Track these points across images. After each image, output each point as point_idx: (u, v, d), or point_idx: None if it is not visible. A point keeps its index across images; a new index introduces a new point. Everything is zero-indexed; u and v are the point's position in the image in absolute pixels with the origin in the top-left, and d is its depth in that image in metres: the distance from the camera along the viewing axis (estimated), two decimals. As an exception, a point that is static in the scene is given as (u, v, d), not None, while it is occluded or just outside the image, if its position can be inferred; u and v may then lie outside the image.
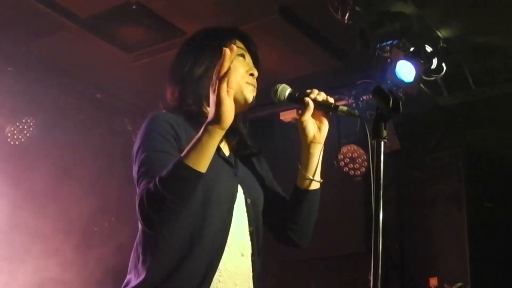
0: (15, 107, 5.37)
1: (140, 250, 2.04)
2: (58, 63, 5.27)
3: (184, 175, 1.86)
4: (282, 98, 2.15)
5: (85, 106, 5.81)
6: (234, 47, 1.91)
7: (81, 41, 4.91)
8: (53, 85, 5.44)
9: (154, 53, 5.05)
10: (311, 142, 2.16)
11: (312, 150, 2.17)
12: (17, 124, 5.41)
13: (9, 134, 5.41)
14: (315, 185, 2.21)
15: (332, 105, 2.12)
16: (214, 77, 1.89)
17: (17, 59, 5.12)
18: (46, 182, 5.52)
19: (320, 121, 2.17)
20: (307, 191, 2.20)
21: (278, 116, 5.49)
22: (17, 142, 5.42)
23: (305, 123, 2.15)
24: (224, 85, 1.86)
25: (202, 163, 1.88)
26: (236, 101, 2.11)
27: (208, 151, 1.89)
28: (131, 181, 2.08)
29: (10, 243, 5.33)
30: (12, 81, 5.17)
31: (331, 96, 2.18)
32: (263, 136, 2.29)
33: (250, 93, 2.17)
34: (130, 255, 2.11)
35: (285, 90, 2.14)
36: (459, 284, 4.85)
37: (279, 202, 2.26)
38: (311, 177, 2.18)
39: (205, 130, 1.88)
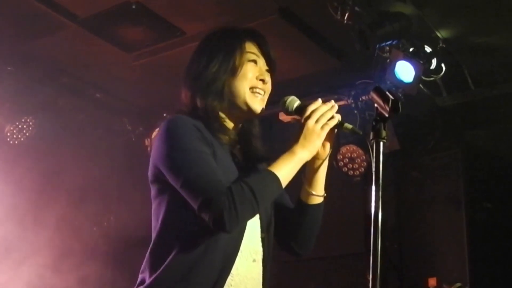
0: (14, 107, 5.38)
1: (157, 252, 2.06)
2: (57, 62, 5.27)
3: (277, 189, 2.04)
4: (290, 110, 2.19)
5: (85, 106, 5.81)
6: (336, 106, 2.11)
7: (81, 41, 4.91)
8: (52, 84, 5.44)
9: (154, 53, 5.05)
10: (315, 158, 2.18)
11: (315, 166, 2.20)
12: (17, 123, 5.41)
13: (8, 134, 5.41)
14: (318, 200, 2.24)
15: (338, 122, 2.13)
16: (318, 113, 2.09)
17: (17, 59, 5.12)
18: (45, 182, 5.53)
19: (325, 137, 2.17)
20: (309, 206, 2.23)
21: (278, 116, 5.50)
22: (16, 142, 5.42)
23: None
24: (329, 127, 2.09)
25: (286, 182, 2.06)
26: (240, 110, 2.18)
27: (294, 173, 2.07)
28: (130, 180, 2.09)
29: (9, 241, 5.33)
30: (11, 80, 5.18)
31: (330, 96, 2.19)
32: (262, 136, 2.32)
33: (256, 104, 2.19)
34: (130, 254, 2.13)
35: (294, 102, 2.18)
36: (458, 284, 4.85)
37: (284, 211, 2.28)
38: (313, 193, 2.22)
39: (297, 156, 2.06)
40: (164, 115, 5.60)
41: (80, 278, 5.59)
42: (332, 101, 2.14)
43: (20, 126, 5.41)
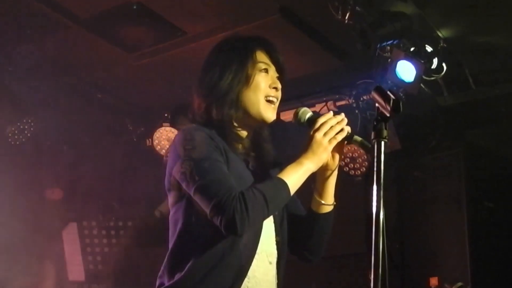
0: (15, 107, 5.38)
1: (176, 257, 2.11)
2: (58, 63, 5.27)
3: (286, 197, 2.10)
4: (302, 121, 2.25)
5: (86, 106, 5.81)
6: (345, 119, 2.16)
7: (82, 41, 4.91)
8: (53, 85, 5.44)
9: (154, 53, 5.05)
10: (324, 169, 2.24)
11: (325, 177, 2.26)
12: (18, 124, 5.41)
13: (9, 134, 5.41)
14: (327, 208, 2.30)
15: (348, 134, 2.18)
16: (326, 126, 2.14)
17: (18, 59, 5.12)
18: (47, 182, 5.53)
19: (334, 149, 2.21)
20: (320, 215, 2.30)
21: (279, 115, 5.49)
22: (17, 142, 5.42)
23: None
24: (336, 141, 2.14)
25: (294, 190, 2.12)
26: (253, 118, 2.24)
27: (301, 182, 2.14)
28: (132, 180, 2.11)
29: (11, 243, 5.33)
30: (12, 81, 5.18)
31: (332, 96, 2.23)
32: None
33: (270, 113, 2.25)
34: (131, 254, 2.17)
35: (305, 114, 2.24)
36: (460, 284, 4.85)
37: (297, 220, 2.33)
38: (323, 202, 2.28)
39: (304, 166, 2.12)
40: (166, 115, 5.62)
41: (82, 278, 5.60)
42: (343, 114, 2.20)
43: (21, 127, 5.41)
